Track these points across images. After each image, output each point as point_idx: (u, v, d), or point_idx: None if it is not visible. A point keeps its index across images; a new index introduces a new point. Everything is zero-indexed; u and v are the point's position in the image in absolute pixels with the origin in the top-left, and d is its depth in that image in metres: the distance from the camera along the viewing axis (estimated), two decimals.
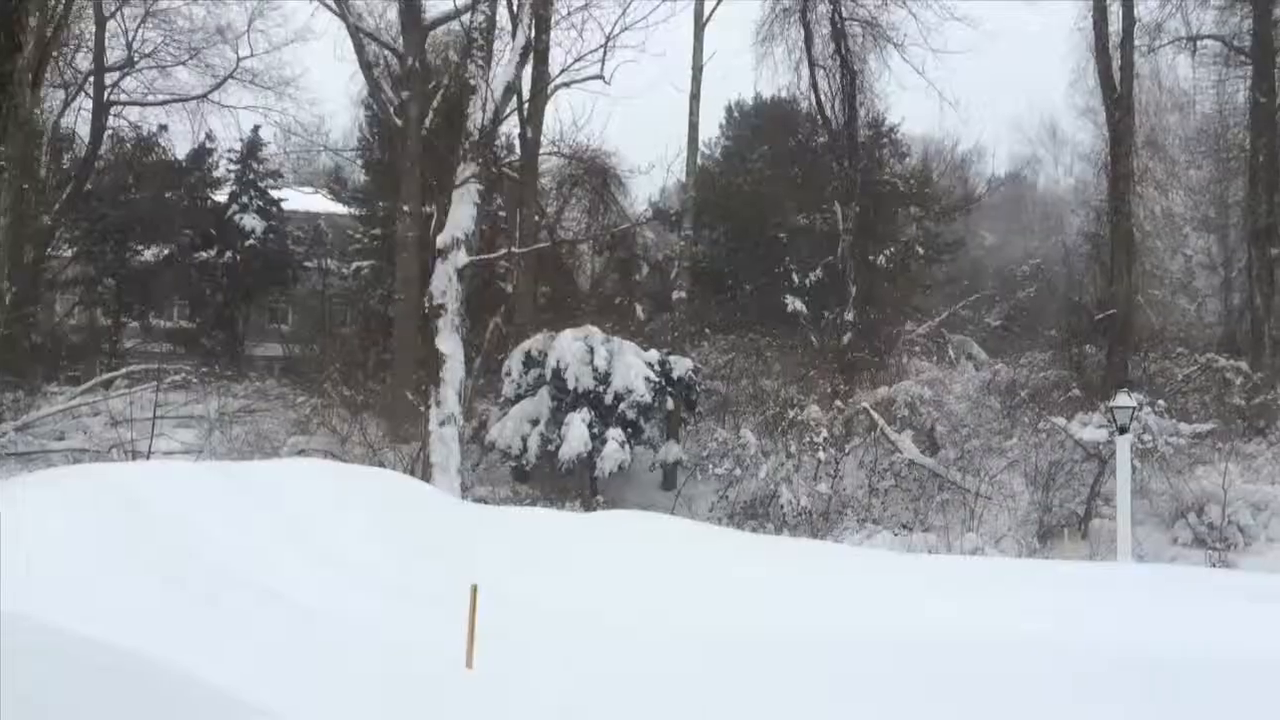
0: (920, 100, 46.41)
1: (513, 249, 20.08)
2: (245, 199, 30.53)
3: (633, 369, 19.18)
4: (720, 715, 6.03)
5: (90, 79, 26.94)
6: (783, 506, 18.36)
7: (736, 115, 33.88)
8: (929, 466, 19.54)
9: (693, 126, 22.98)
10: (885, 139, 30.44)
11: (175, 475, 8.18)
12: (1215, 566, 16.17)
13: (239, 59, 27.03)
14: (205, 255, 30.22)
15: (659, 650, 7.31)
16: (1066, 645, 7.35)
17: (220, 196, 30.93)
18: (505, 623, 7.07)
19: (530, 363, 19.91)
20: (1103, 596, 8.73)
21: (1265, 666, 6.83)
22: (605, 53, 19.69)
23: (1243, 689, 6.49)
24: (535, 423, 19.32)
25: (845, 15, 25.83)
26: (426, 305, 17.22)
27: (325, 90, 36.87)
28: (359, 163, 31.65)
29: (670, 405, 20.43)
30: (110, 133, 28.47)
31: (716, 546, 10.10)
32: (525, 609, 7.68)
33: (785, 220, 29.49)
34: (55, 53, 21.89)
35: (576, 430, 18.61)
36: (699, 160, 25.65)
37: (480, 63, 17.50)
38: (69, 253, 28.47)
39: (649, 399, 19.20)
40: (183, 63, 27.61)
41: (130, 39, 26.88)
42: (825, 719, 5.97)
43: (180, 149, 30.39)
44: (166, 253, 29.56)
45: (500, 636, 6.61)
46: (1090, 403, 20.27)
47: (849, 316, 25.48)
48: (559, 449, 18.68)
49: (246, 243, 29.84)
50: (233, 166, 31.20)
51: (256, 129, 30.23)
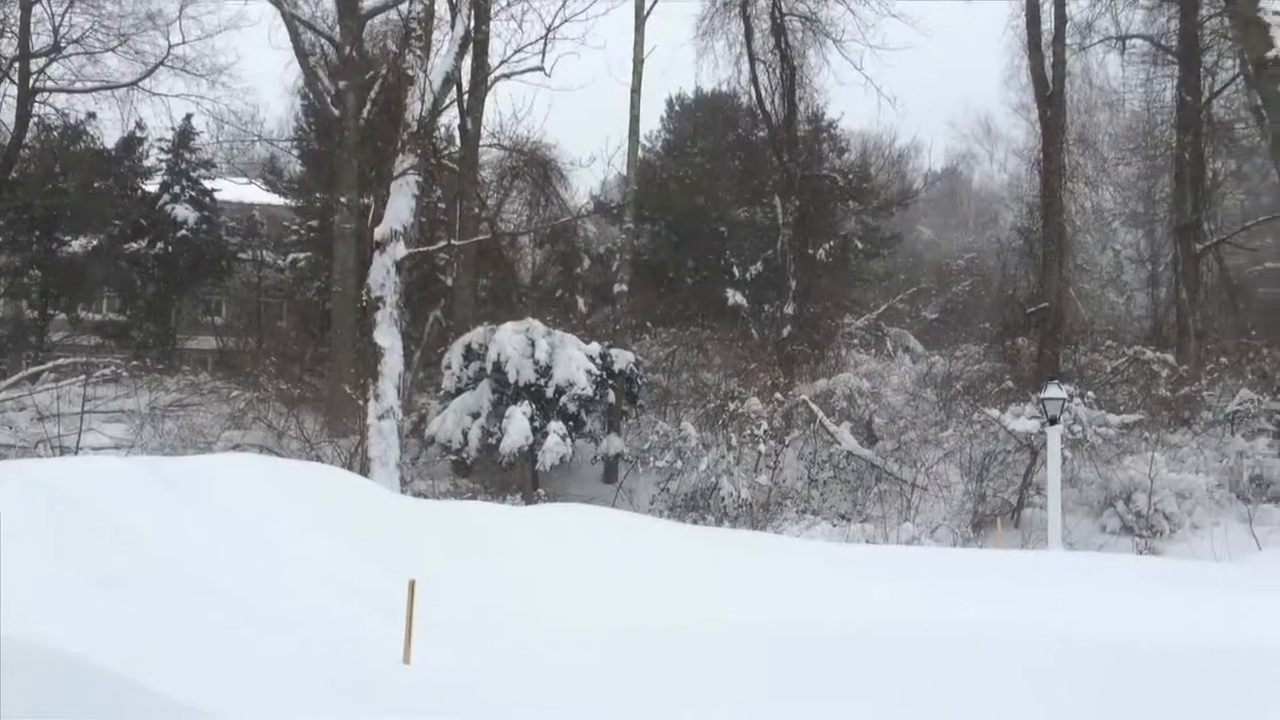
0: (859, 96, 47.04)
1: (452, 241, 19.90)
2: (177, 189, 29.90)
3: (574, 362, 19.17)
4: (661, 708, 6.06)
5: (15, 65, 26.14)
6: (723, 498, 18.48)
7: (677, 108, 33.94)
8: (867, 458, 19.79)
9: (634, 119, 22.97)
10: (825, 134, 30.75)
11: (105, 471, 7.99)
12: (1142, 553, 16.61)
13: (170, 46, 26.39)
14: (136, 246, 29.52)
15: (600, 643, 7.33)
16: (1001, 631, 7.51)
17: (151, 186, 30.25)
18: (444, 617, 7.04)
19: (471, 356, 19.79)
20: (1033, 583, 8.93)
21: (1183, 650, 7.05)
22: (546, 45, 19.64)
23: (1165, 671, 6.69)
24: (476, 416, 19.23)
25: (785, 10, 26.02)
26: (364, 298, 17.02)
27: (260, 79, 36.25)
28: (295, 153, 31.16)
29: (612, 398, 20.46)
30: (36, 120, 27.65)
31: (658, 539, 10.13)
32: (465, 603, 7.65)
33: (726, 214, 29.68)
34: None
35: (518, 423, 18.55)
36: (640, 153, 25.67)
37: (418, 53, 17.31)
38: None
39: (590, 392, 19.20)
40: (112, 49, 26.89)
41: (57, 24, 26.10)
42: (765, 710, 6.03)
43: (109, 138, 29.64)
44: (95, 243, 28.81)
45: (439, 631, 6.58)
46: (1023, 394, 20.69)
47: (789, 310, 25.73)
48: (500, 442, 18.61)
49: (178, 233, 29.22)
50: (164, 156, 30.52)
51: (189, 118, 29.61)
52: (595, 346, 20.14)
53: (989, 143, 51.37)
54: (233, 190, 31.35)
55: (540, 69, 19.81)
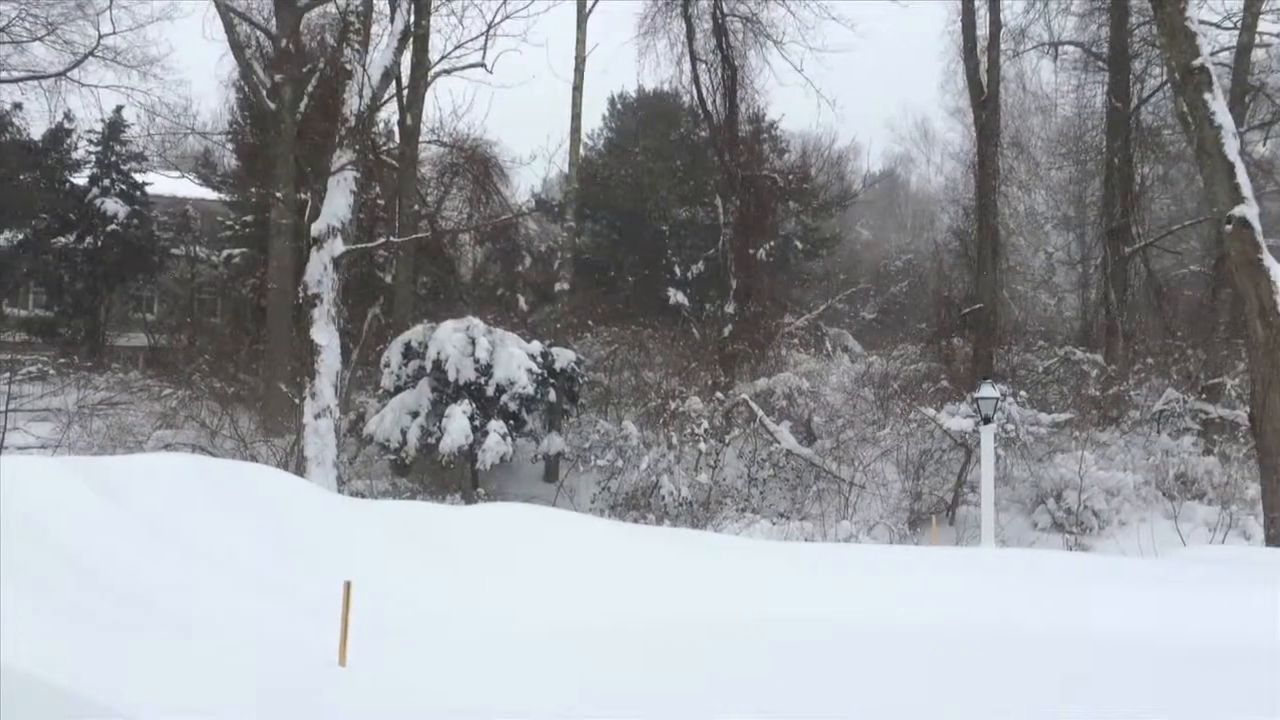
0: (799, 97, 47.55)
1: (392, 238, 19.66)
2: (107, 182, 29.22)
3: (515, 360, 19.08)
4: (600, 706, 6.05)
5: None
6: (664, 497, 18.53)
7: (619, 107, 33.96)
8: (806, 456, 19.98)
9: (575, 117, 22.93)
10: (765, 134, 30.96)
11: (30, 471, 7.76)
12: (1072, 549, 17.00)
13: (100, 36, 25.69)
14: (64, 241, 28.78)
15: (539, 643, 7.30)
16: (935, 626, 7.63)
17: (80, 179, 29.53)
18: (381, 618, 6.96)
19: (410, 354, 19.60)
20: (969, 580, 9.08)
21: (1110, 642, 7.23)
22: (487, 41, 19.45)
23: (1095, 663, 6.85)
24: (415, 415, 19.05)
25: (726, 11, 26.14)
26: (301, 295, 16.75)
27: (193, 71, 35.44)
28: (229, 147, 30.56)
29: (553, 397, 20.39)
30: None
31: (598, 538, 10.11)
32: (402, 604, 7.57)
33: (667, 213, 29.77)
34: None
35: (457, 422, 18.42)
36: (582, 151, 25.64)
37: (357, 47, 17.10)
38: None
39: (531, 391, 19.12)
40: (39, 38, 26.10)
41: None
42: (712, 705, 6.05)
43: (36, 129, 28.87)
44: (21, 237, 28.03)
45: (375, 632, 6.50)
46: (958, 393, 21.05)
47: (729, 309, 25.87)
48: (439, 441, 18.45)
49: (108, 228, 28.55)
50: (93, 148, 29.80)
51: (119, 109, 28.93)
52: (536, 345, 20.07)
53: (926, 146, 52.33)
54: (165, 184, 30.68)
55: (481, 65, 19.62)
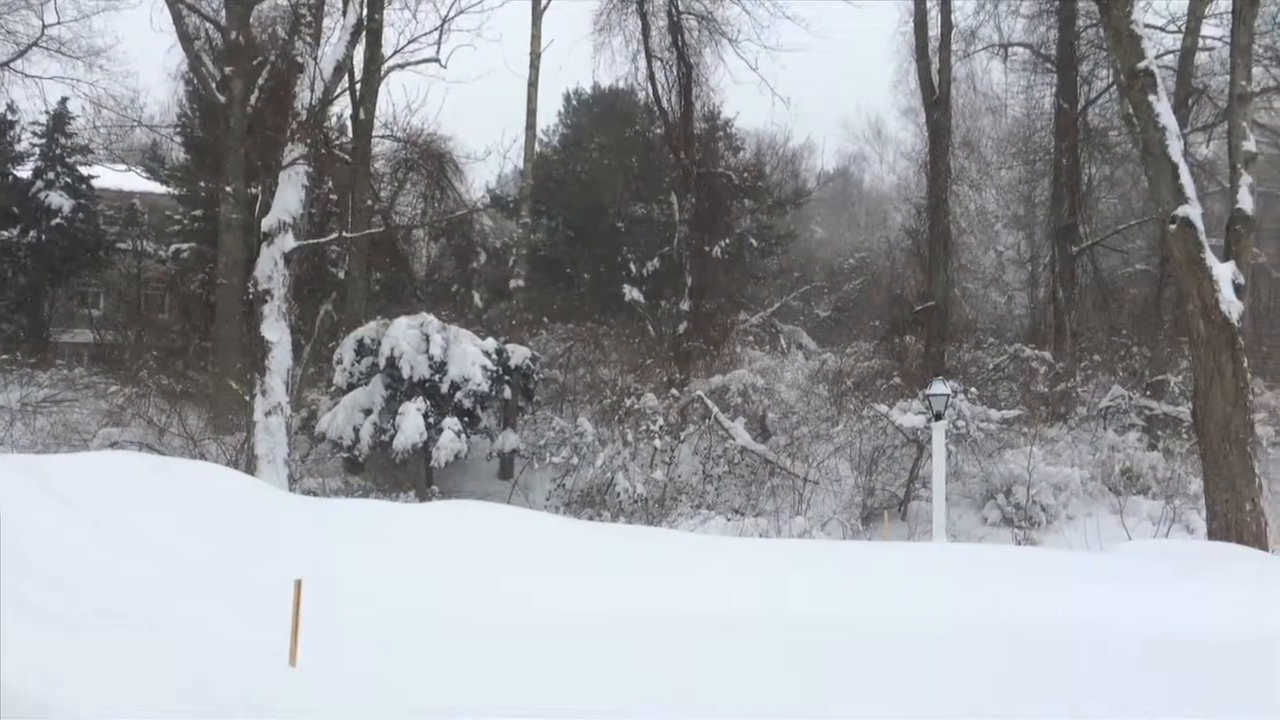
0: (754, 96, 47.81)
1: (344, 234, 19.47)
2: (51, 175, 28.66)
3: (469, 357, 18.98)
4: (558, 703, 6.04)
5: None
6: (619, 494, 18.55)
7: (575, 104, 33.88)
8: (760, 453, 20.10)
9: (530, 114, 22.85)
10: (720, 132, 31.08)
11: None
12: (1020, 544, 17.27)
13: (44, 26, 25.14)
14: (7, 234, 28.18)
15: (493, 640, 7.28)
16: (889, 623, 7.72)
17: (24, 172, 28.92)
18: (333, 618, 6.90)
19: (363, 351, 19.43)
20: (920, 574, 9.19)
21: (1054, 635, 7.36)
22: (441, 35, 19.31)
23: (1039, 655, 6.97)
24: (368, 412, 18.89)
25: (681, 9, 26.17)
26: (251, 290, 16.53)
27: (141, 63, 34.70)
28: (178, 140, 30.06)
29: (508, 394, 20.33)
30: None
31: (552, 535, 10.09)
32: (355, 603, 7.50)
33: (623, 210, 29.76)
34: None
35: (411, 420, 18.30)
36: (537, 148, 25.55)
37: (308, 40, 16.89)
38: None
39: (486, 388, 19.04)
40: None
41: None
42: (674, 703, 6.07)
43: None
44: None
45: (327, 632, 6.44)
46: (910, 390, 21.28)
47: (685, 306, 25.94)
48: (393, 439, 18.32)
49: (53, 222, 28.00)
50: (37, 140, 29.19)
51: (64, 101, 28.40)
52: (491, 342, 19.99)
53: (879, 145, 52.84)
54: (111, 178, 30.12)
55: (436, 60, 19.48)
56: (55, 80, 26.66)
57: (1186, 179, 14.31)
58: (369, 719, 5.37)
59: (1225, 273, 14.07)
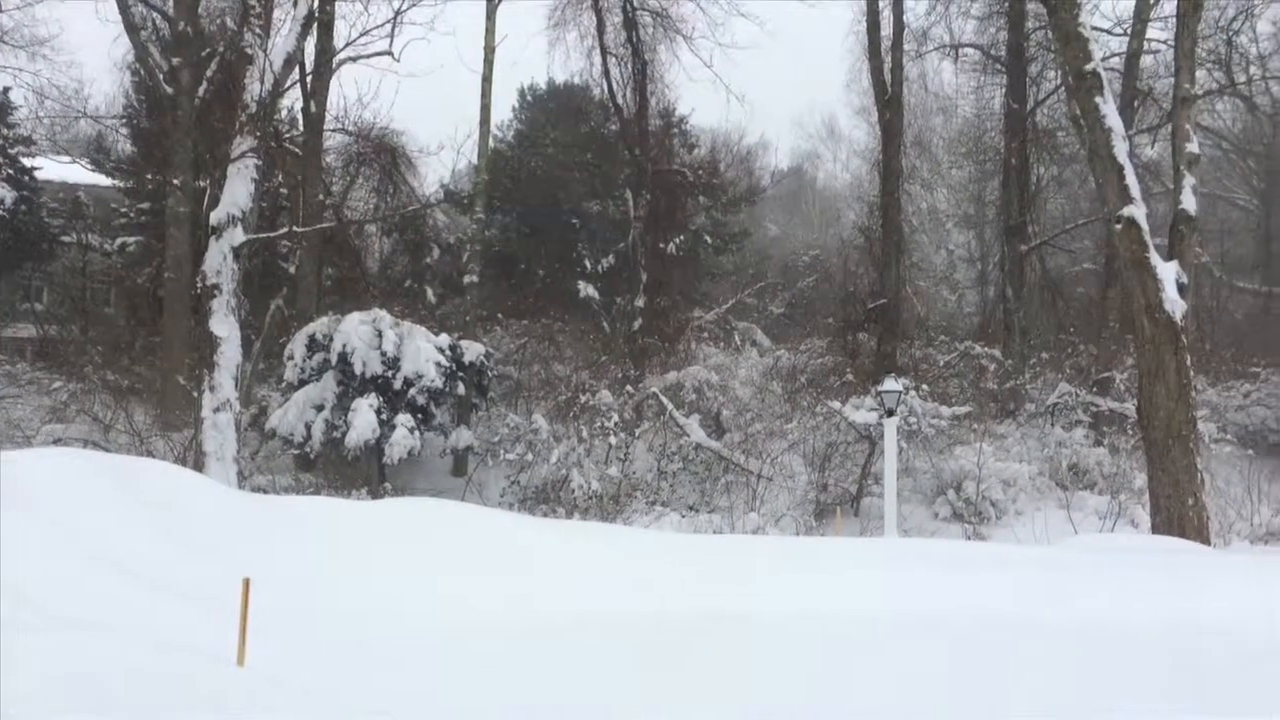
0: (709, 93, 47.89)
1: (295, 228, 19.21)
2: None
3: (423, 353, 18.84)
4: (512, 703, 6.02)
5: None
6: (574, 491, 18.52)
7: (530, 99, 33.70)
8: (715, 449, 20.17)
9: (485, 108, 22.72)
10: (675, 129, 31.09)
11: None
12: (970, 538, 17.51)
13: None
14: None
15: (448, 642, 7.23)
16: (845, 615, 7.79)
17: None
18: (282, 617, 6.82)
19: (315, 346, 19.21)
20: (872, 569, 9.28)
21: (1001, 624, 7.48)
22: (394, 28, 19.13)
23: (987, 644, 7.07)
24: (320, 408, 18.68)
25: (636, 4, 26.17)
26: (199, 285, 16.26)
27: (86, 53, 33.98)
28: (124, 132, 29.49)
29: (462, 390, 20.21)
30: None
31: (506, 532, 10.04)
32: (304, 602, 7.42)
33: (578, 206, 29.68)
34: None
35: (364, 416, 18.12)
36: (491, 143, 25.42)
37: (258, 31, 16.62)
38: None
39: (440, 384, 18.91)
40: None
41: None
42: (624, 702, 6.07)
43: None
44: None
45: (276, 631, 6.36)
46: (863, 387, 21.46)
47: (639, 303, 25.95)
48: (345, 435, 18.13)
49: None
50: None
51: (6, 91, 27.64)
52: (445, 338, 19.85)
53: (833, 143, 53.21)
54: (55, 169, 29.42)
55: (388, 53, 19.30)
56: None
57: (1132, 180, 14.58)
58: (316, 718, 5.31)
59: (1169, 272, 14.36)
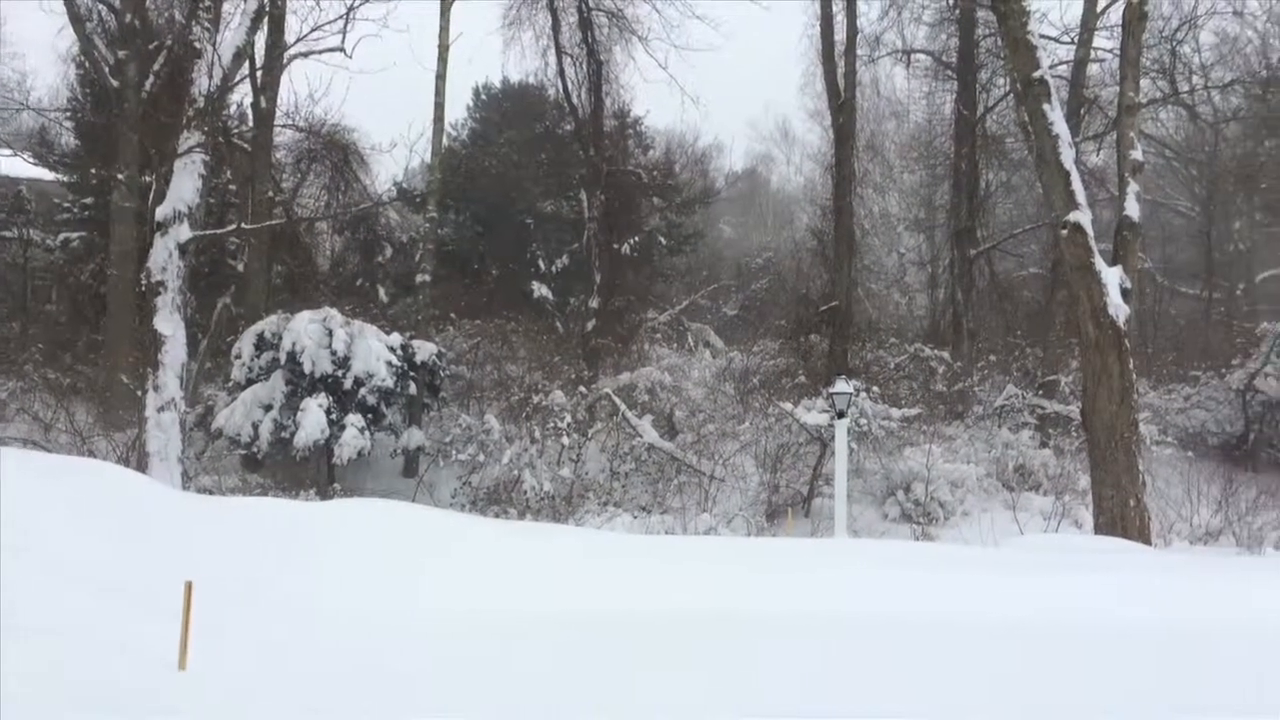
0: (664, 95, 47.89)
1: (243, 225, 18.91)
2: None
3: (374, 353, 18.66)
4: (460, 707, 5.98)
5: None
6: (526, 491, 18.45)
7: (484, 98, 33.53)
8: (667, 450, 20.20)
9: (438, 106, 22.54)
10: (630, 130, 31.10)
11: None
12: (918, 539, 17.70)
13: None
14: None
15: (395, 644, 7.16)
16: (794, 616, 7.84)
17: None
18: (225, 619, 6.72)
19: (263, 345, 18.95)
20: (823, 570, 9.35)
21: (946, 625, 7.57)
22: (346, 24, 18.89)
23: (931, 644, 7.15)
24: (268, 408, 18.43)
25: (592, 5, 26.14)
26: (144, 282, 15.97)
27: (29, 44, 33.37)
28: (68, 125, 28.89)
29: (413, 390, 20.05)
30: None
31: (457, 533, 9.98)
32: (248, 603, 7.32)
33: (532, 206, 29.58)
34: None
35: (313, 416, 17.91)
36: (445, 141, 25.24)
37: (207, 25, 16.37)
38: None
39: (391, 384, 18.75)
40: None
41: None
42: (570, 701, 6.05)
43: None
44: None
45: (219, 633, 6.27)
46: (815, 389, 21.63)
47: (593, 303, 25.92)
48: (294, 436, 17.90)
49: None
50: None
51: None
52: (396, 337, 19.69)
53: (787, 146, 53.57)
54: None
55: (340, 49, 19.02)
56: None
57: (1078, 186, 14.83)
58: None
59: (1113, 277, 14.63)
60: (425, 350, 20.00)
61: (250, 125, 23.76)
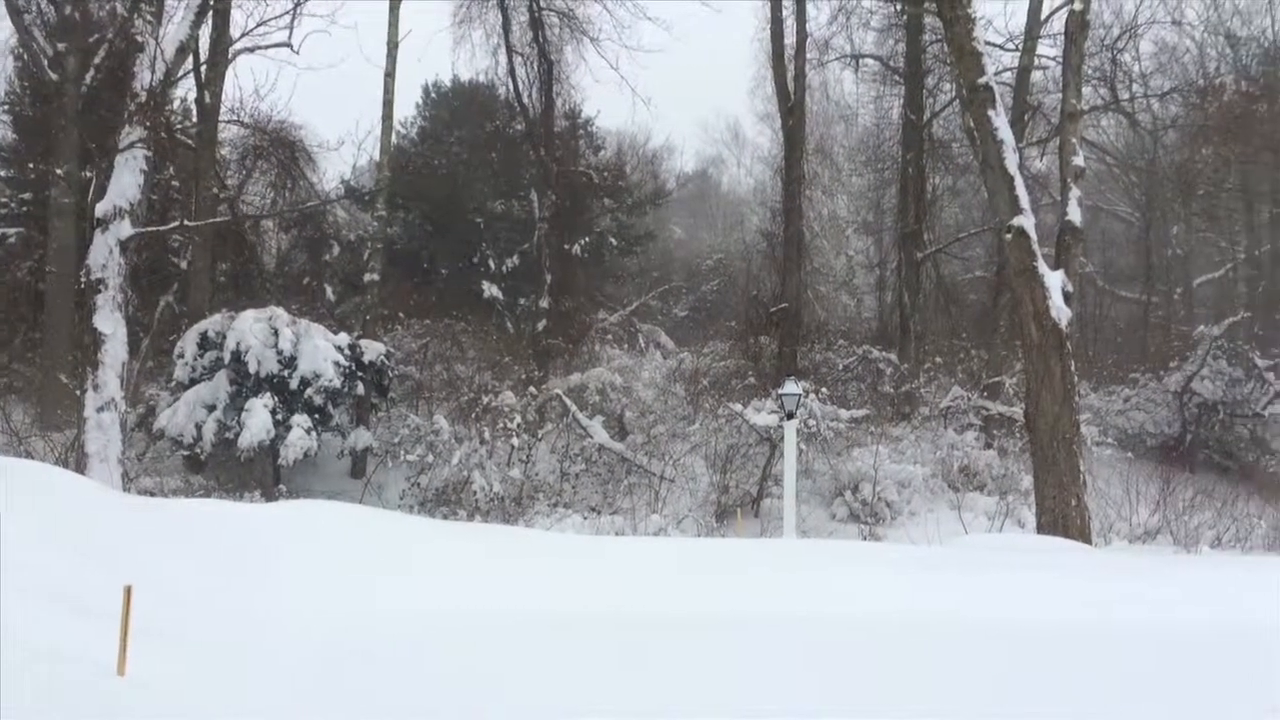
0: (615, 96, 47.97)
1: (187, 222, 18.59)
2: None
3: (321, 352, 18.46)
4: (401, 705, 5.93)
5: None
6: (475, 493, 18.36)
7: (434, 96, 33.30)
8: (618, 451, 20.21)
9: (387, 104, 22.36)
10: (581, 130, 31.11)
11: None
12: (866, 539, 17.89)
13: None
14: None
15: (342, 648, 7.08)
16: (743, 617, 7.87)
17: None
18: (166, 623, 6.59)
19: (207, 344, 18.66)
20: (774, 570, 9.41)
21: (889, 624, 7.66)
22: (293, 19, 18.65)
23: (874, 643, 7.23)
24: (212, 408, 18.15)
25: (542, 5, 26.11)
26: (83, 280, 15.64)
27: None
28: (6, 118, 28.20)
29: (361, 390, 19.86)
30: None
31: (406, 534, 9.90)
32: (189, 607, 7.18)
33: (482, 206, 29.45)
34: None
35: (258, 416, 17.67)
36: (395, 140, 25.04)
37: (149, 18, 16.07)
38: None
39: (338, 384, 18.56)
40: None
41: None
42: (534, 702, 6.03)
43: None
44: None
45: (158, 638, 6.14)
46: (764, 390, 21.76)
47: (544, 304, 25.86)
48: (238, 436, 17.66)
49: None
50: None
51: None
52: (344, 337, 19.50)
53: (737, 148, 53.89)
54: None
55: (287, 45, 18.79)
56: None
57: (1022, 191, 15.06)
58: None
59: (1056, 281, 14.88)
60: (373, 350, 19.82)
61: (194, 121, 23.38)
